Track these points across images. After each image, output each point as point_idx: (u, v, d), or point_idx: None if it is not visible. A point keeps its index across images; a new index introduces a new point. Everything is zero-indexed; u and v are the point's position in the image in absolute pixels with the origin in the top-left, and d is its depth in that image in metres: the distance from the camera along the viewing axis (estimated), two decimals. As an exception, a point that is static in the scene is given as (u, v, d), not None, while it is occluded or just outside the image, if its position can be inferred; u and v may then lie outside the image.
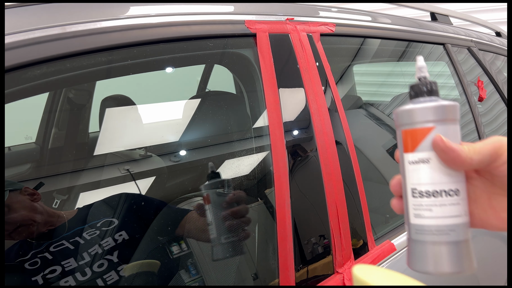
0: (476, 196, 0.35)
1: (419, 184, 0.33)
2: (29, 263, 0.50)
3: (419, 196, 0.33)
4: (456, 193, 0.33)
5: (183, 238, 0.62)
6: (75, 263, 0.51)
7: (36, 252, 0.51)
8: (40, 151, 1.06)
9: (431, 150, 0.32)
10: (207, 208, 0.58)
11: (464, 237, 0.33)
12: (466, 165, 0.31)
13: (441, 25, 1.28)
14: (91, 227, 0.55)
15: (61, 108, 0.99)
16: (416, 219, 0.34)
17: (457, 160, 0.31)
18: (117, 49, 0.53)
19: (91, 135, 0.92)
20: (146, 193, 0.65)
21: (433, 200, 0.33)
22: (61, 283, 0.50)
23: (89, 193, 0.61)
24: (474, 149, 0.31)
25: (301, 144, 0.68)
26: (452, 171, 0.32)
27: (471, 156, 0.31)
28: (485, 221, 0.34)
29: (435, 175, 0.32)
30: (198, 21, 0.61)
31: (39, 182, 0.55)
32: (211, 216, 0.57)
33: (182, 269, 0.60)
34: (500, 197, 0.33)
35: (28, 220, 0.52)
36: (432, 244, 0.33)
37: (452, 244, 0.32)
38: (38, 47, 0.46)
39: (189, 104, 0.75)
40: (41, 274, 0.50)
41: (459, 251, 0.33)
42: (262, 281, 0.63)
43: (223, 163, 0.67)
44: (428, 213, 0.33)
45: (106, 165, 0.64)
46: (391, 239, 0.79)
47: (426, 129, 0.33)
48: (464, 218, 0.33)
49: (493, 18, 3.71)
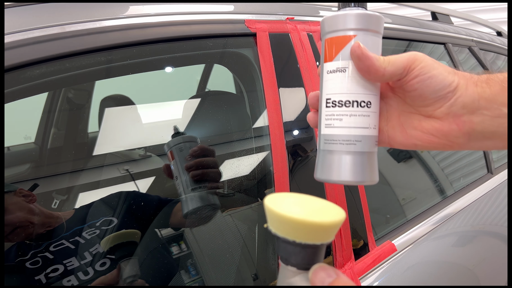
0: (388, 115, 0.36)
1: (333, 93, 0.34)
2: (30, 262, 0.50)
3: (331, 105, 0.34)
4: (367, 105, 0.33)
5: (179, 230, 0.62)
6: (77, 262, 0.51)
7: (36, 252, 0.51)
8: (39, 151, 1.06)
9: (349, 59, 0.33)
10: (172, 164, 0.57)
11: (369, 149, 0.34)
12: (379, 75, 0.32)
13: (442, 24, 1.28)
14: (90, 227, 0.55)
15: (60, 108, 0.99)
16: (326, 129, 0.35)
17: (371, 68, 0.32)
18: (116, 48, 0.53)
19: (90, 135, 0.92)
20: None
21: (345, 110, 0.33)
22: (63, 282, 0.50)
23: (88, 193, 0.61)
24: (389, 60, 0.32)
25: (302, 144, 0.68)
26: (367, 83, 0.33)
27: (385, 66, 0.32)
28: (392, 137, 0.35)
29: (350, 85, 0.33)
30: (198, 21, 0.61)
31: (34, 183, 0.55)
32: (177, 170, 0.57)
33: (181, 270, 0.60)
34: (408, 115, 0.34)
35: (25, 221, 0.52)
36: (338, 153, 0.34)
37: (357, 154, 0.33)
38: (37, 47, 0.46)
39: (189, 104, 0.75)
40: (43, 273, 0.49)
41: (363, 162, 0.33)
42: (262, 281, 0.63)
43: (223, 163, 0.67)
44: (339, 122, 0.34)
45: (105, 165, 0.64)
46: (392, 240, 0.79)
47: (347, 37, 0.33)
48: (372, 131, 0.34)
49: (494, 17, 3.70)
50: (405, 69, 0.32)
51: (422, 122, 0.33)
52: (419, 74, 0.32)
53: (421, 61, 0.32)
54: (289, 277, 0.28)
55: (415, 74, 0.32)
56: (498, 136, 0.31)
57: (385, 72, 0.32)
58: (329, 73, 0.34)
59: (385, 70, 0.32)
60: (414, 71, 0.32)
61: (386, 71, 0.32)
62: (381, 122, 0.36)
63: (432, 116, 0.33)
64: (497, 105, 0.30)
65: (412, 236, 0.83)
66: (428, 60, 0.32)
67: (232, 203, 0.66)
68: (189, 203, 0.56)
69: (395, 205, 0.95)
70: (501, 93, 0.30)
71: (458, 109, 0.31)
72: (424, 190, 1.08)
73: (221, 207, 0.66)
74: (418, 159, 1.13)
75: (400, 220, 0.88)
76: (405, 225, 0.86)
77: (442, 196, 1.06)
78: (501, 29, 1.77)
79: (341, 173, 0.33)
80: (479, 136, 0.31)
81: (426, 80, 0.31)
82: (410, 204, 0.96)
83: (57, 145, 0.94)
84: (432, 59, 0.32)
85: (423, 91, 0.32)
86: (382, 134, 0.36)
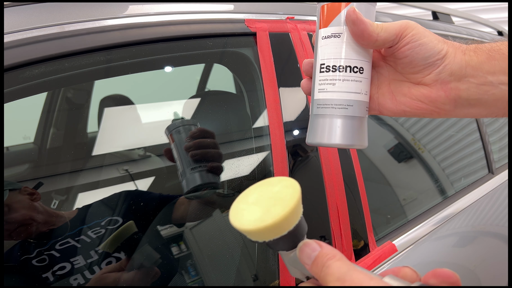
0: (379, 83, 0.37)
1: (328, 59, 0.35)
2: (37, 260, 0.50)
3: (325, 70, 0.35)
4: (360, 71, 0.34)
5: (182, 226, 0.62)
6: (83, 261, 0.51)
7: (42, 250, 0.51)
8: (39, 151, 1.05)
9: (344, 25, 0.34)
10: (172, 146, 0.58)
11: (360, 114, 0.35)
12: (372, 40, 0.33)
13: (442, 24, 1.27)
14: (95, 226, 0.55)
15: (59, 108, 0.99)
16: (320, 94, 0.35)
17: (365, 33, 0.33)
18: (115, 48, 0.52)
19: (89, 135, 0.92)
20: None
21: (338, 75, 0.34)
22: (70, 280, 0.50)
23: (87, 193, 0.61)
24: (382, 26, 0.33)
25: (302, 144, 0.68)
26: (360, 49, 0.34)
27: (378, 32, 0.33)
28: (382, 104, 0.36)
29: (344, 50, 0.34)
30: (198, 20, 0.61)
31: (38, 182, 0.55)
32: (177, 152, 0.58)
33: (181, 270, 0.60)
34: (398, 82, 0.36)
35: (28, 219, 0.52)
36: (330, 117, 0.35)
37: (349, 118, 0.34)
38: (36, 46, 0.46)
39: (189, 103, 0.75)
40: (50, 271, 0.50)
41: (353, 126, 0.35)
42: (262, 282, 0.63)
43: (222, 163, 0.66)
44: (331, 87, 0.34)
45: (104, 165, 0.64)
46: (392, 240, 0.78)
47: (342, 3, 0.34)
48: (364, 96, 0.35)
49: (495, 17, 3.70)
50: (397, 35, 0.33)
51: (411, 89, 0.34)
52: (410, 41, 0.33)
53: (412, 29, 0.33)
54: (285, 257, 0.31)
55: (407, 41, 0.33)
56: (482, 104, 0.32)
57: (378, 38, 0.33)
58: (323, 39, 0.35)
59: (378, 35, 0.33)
60: (405, 38, 0.33)
61: (379, 37, 0.33)
62: (372, 89, 0.37)
63: (421, 83, 0.34)
64: (482, 73, 0.31)
65: (413, 237, 0.83)
66: (419, 28, 0.33)
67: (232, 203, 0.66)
68: (190, 182, 0.57)
69: (395, 206, 0.94)
70: (487, 62, 0.31)
71: (446, 76, 0.32)
72: (425, 190, 1.08)
73: (221, 208, 0.65)
74: (419, 159, 1.13)
75: (400, 221, 0.88)
76: (405, 226, 0.85)
77: (443, 197, 1.06)
78: (502, 29, 1.76)
79: (332, 136, 0.34)
80: (464, 103, 0.32)
81: (417, 48, 0.32)
82: (411, 205, 0.96)
83: (56, 145, 0.94)
84: (423, 28, 0.34)
85: (414, 57, 0.33)
86: (372, 101, 0.37)
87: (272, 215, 0.27)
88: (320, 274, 0.27)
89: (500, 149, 1.36)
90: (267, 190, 0.30)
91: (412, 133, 1.18)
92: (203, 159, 0.58)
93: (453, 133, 1.25)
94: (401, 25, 0.33)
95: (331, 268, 0.26)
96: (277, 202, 0.28)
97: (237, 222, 0.28)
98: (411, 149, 1.13)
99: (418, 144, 1.15)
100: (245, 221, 0.28)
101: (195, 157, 0.57)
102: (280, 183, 0.30)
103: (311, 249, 0.28)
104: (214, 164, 0.59)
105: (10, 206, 0.51)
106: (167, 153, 0.60)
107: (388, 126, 1.20)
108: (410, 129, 1.19)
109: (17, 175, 0.69)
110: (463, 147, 1.24)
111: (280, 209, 0.27)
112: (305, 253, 0.28)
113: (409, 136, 1.16)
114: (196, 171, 0.57)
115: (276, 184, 0.30)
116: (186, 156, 0.57)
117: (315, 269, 0.27)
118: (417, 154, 1.13)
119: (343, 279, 0.25)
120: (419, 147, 1.15)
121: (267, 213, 0.27)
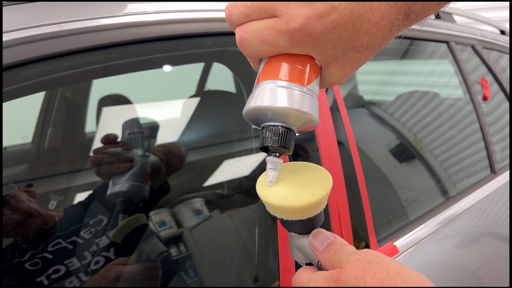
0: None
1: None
2: (30, 264, 0.49)
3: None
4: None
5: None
6: (77, 262, 0.51)
7: (34, 253, 0.50)
8: (36, 151, 1.05)
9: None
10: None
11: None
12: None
13: (444, 23, 1.27)
14: (85, 226, 0.54)
15: (57, 107, 0.98)
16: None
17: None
18: (114, 47, 0.52)
19: (88, 135, 0.91)
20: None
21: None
22: (66, 283, 0.50)
23: (87, 193, 0.60)
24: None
25: (302, 144, 0.67)
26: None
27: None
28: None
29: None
30: (197, 19, 0.60)
31: (28, 183, 0.55)
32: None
33: (180, 271, 0.60)
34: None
35: (35, 211, 0.52)
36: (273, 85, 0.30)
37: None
38: (34, 45, 0.46)
39: (188, 103, 0.75)
40: (44, 274, 0.49)
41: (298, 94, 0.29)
42: (262, 283, 0.62)
43: (222, 163, 0.66)
44: None
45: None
46: (394, 241, 0.78)
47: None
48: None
49: (497, 16, 3.68)
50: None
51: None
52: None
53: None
54: (294, 240, 0.32)
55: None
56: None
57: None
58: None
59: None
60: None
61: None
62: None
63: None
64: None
65: (414, 238, 0.82)
66: None
67: (232, 204, 0.66)
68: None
69: (397, 206, 0.94)
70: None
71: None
72: (426, 190, 1.07)
73: (221, 208, 0.65)
74: (421, 159, 1.12)
75: (402, 221, 0.87)
76: (407, 226, 0.85)
77: (444, 197, 1.05)
78: (505, 28, 1.75)
79: (273, 99, 0.29)
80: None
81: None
82: (412, 205, 0.95)
83: (54, 145, 0.93)
84: None
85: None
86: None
87: (298, 199, 0.27)
88: (332, 257, 0.28)
89: (503, 149, 1.36)
90: (302, 172, 0.30)
91: (413, 133, 1.17)
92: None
93: (455, 133, 1.24)
94: None
95: (345, 249, 0.28)
96: (307, 187, 0.28)
97: (262, 192, 0.29)
98: (413, 149, 1.12)
99: (419, 144, 1.14)
100: (271, 194, 0.28)
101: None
102: (316, 170, 0.30)
103: (325, 236, 0.30)
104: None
105: (16, 197, 0.52)
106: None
107: (389, 126, 1.20)
108: (412, 129, 1.18)
109: (15, 176, 0.69)
110: (465, 147, 1.23)
111: (308, 196, 0.27)
112: (319, 239, 0.30)
113: (411, 136, 1.16)
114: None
115: (312, 170, 0.30)
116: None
117: (326, 254, 0.29)
118: (419, 154, 1.12)
119: (360, 254, 0.26)
120: (421, 147, 1.14)
121: (294, 194, 0.28)
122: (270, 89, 0.29)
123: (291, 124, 0.30)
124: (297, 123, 0.30)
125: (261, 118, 0.31)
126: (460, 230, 0.95)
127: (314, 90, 0.30)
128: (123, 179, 0.56)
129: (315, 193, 0.28)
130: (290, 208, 0.27)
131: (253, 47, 0.28)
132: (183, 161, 0.62)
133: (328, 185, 0.28)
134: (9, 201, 0.50)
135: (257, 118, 0.32)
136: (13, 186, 0.52)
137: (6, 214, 0.49)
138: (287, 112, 0.29)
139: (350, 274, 0.25)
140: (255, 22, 0.27)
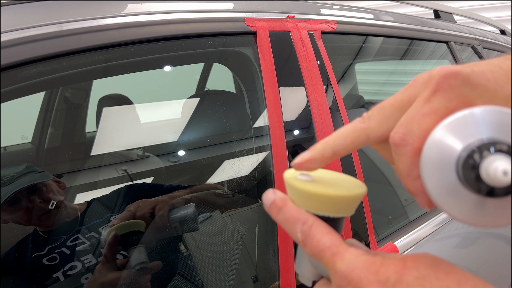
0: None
1: None
2: (47, 259, 0.50)
3: None
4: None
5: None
6: (94, 259, 0.51)
7: (53, 247, 0.51)
8: (36, 151, 1.05)
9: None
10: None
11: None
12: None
13: (444, 23, 1.27)
14: (104, 222, 0.55)
15: (57, 107, 0.98)
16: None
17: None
18: (114, 47, 0.52)
19: (88, 135, 0.91)
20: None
21: None
22: (81, 280, 0.50)
23: (86, 193, 0.61)
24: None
25: (302, 144, 0.67)
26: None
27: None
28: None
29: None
30: (197, 19, 0.60)
31: (59, 174, 0.57)
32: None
33: (181, 271, 0.60)
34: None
35: (61, 202, 0.54)
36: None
37: None
38: (34, 45, 0.45)
39: (188, 103, 0.75)
40: (61, 270, 0.49)
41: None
42: (262, 283, 0.62)
43: (222, 163, 0.66)
44: None
45: (103, 165, 0.64)
46: (394, 241, 0.78)
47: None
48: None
49: (498, 16, 3.68)
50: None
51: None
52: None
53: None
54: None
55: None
56: None
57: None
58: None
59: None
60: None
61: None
62: None
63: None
64: None
65: (414, 238, 0.82)
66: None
67: (232, 204, 0.66)
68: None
69: (397, 206, 0.94)
70: None
71: None
72: (426, 190, 1.07)
73: (222, 208, 0.65)
74: (421, 159, 1.12)
75: (402, 221, 0.87)
76: (407, 226, 0.85)
77: (444, 197, 1.05)
78: (505, 28, 1.75)
79: None
80: None
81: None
82: (412, 205, 0.95)
83: (54, 145, 0.93)
84: None
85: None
86: None
87: (333, 190, 0.25)
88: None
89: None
90: (333, 176, 0.28)
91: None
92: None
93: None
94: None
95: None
96: (341, 184, 0.26)
97: (292, 180, 0.26)
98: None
99: (419, 144, 1.14)
100: (304, 181, 0.26)
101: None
102: (349, 178, 0.28)
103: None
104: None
105: (47, 186, 0.53)
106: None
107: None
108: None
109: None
110: (465, 147, 1.23)
111: (344, 191, 0.25)
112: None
113: (411, 136, 1.15)
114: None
115: (344, 177, 0.28)
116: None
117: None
118: (419, 154, 1.12)
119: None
120: (421, 147, 1.14)
121: (327, 186, 0.25)
122: None
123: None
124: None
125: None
126: (460, 230, 0.95)
127: None
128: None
129: (360, 186, 0.26)
130: (338, 197, 0.24)
131: None
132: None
133: (364, 187, 0.27)
134: (41, 189, 0.51)
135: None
136: (48, 175, 0.53)
137: (35, 201, 0.50)
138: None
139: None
140: None
